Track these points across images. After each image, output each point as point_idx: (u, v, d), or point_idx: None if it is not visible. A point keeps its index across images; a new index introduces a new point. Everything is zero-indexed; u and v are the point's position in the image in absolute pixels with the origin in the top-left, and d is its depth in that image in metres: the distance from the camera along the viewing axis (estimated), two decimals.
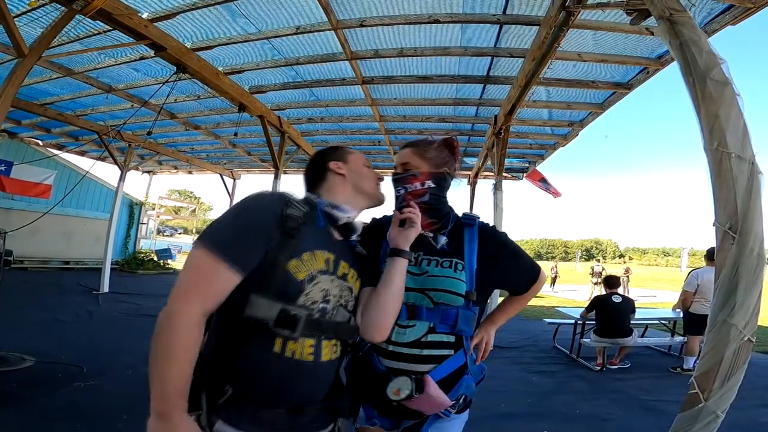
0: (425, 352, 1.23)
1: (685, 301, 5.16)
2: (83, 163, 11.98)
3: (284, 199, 1.03)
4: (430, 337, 1.24)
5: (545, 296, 15.70)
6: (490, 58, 4.77)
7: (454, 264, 1.29)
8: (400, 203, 1.34)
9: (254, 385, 0.94)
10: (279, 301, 0.93)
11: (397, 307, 1.18)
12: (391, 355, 1.24)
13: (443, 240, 1.30)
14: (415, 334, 1.23)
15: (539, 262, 1.53)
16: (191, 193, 52.91)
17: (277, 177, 7.47)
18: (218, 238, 0.94)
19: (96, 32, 4.42)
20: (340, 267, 1.11)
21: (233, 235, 0.95)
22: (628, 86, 5.03)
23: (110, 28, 3.90)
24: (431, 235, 1.31)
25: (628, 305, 5.41)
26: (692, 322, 5.07)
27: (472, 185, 10.02)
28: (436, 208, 1.35)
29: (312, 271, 1.00)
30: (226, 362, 0.93)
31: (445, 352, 1.25)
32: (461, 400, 1.26)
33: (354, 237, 1.22)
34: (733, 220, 1.37)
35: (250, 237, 0.95)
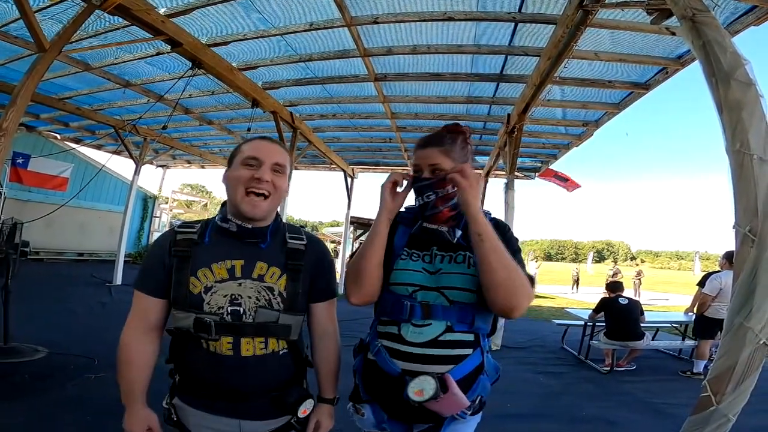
0: (443, 351, 1.17)
1: (703, 305, 5.07)
2: (99, 156, 12.17)
3: (174, 231, 1.23)
4: (448, 336, 1.18)
5: (555, 297, 15.58)
6: (504, 56, 4.75)
7: (468, 258, 1.23)
8: (431, 209, 1.26)
9: (191, 374, 1.18)
10: (192, 312, 1.13)
11: None
12: (406, 356, 1.18)
13: (459, 233, 1.27)
14: (431, 333, 1.18)
15: (549, 263, 1.44)
16: (203, 187, 53.31)
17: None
18: (137, 277, 1.22)
19: (114, 28, 4.49)
20: (254, 269, 1.19)
21: (142, 272, 1.22)
22: (645, 86, 4.96)
23: (128, 24, 3.95)
24: (446, 229, 1.28)
25: (636, 307, 5.35)
26: (705, 326, 4.99)
27: (483, 184, 9.98)
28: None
29: (208, 284, 1.15)
30: (176, 359, 1.21)
31: (464, 351, 1.19)
32: (477, 401, 1.21)
33: (265, 241, 1.22)
34: (753, 223, 1.35)
35: (151, 269, 1.20)
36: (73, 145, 10.60)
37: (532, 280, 1.20)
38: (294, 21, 4.36)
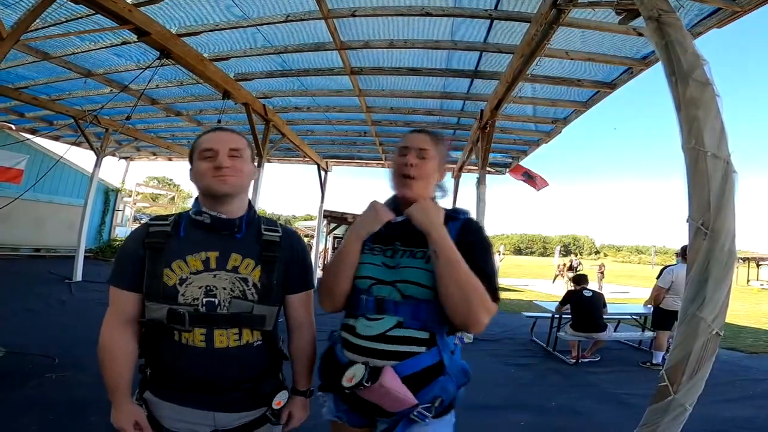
0: (390, 347, 1.16)
1: (657, 297, 5.31)
2: (57, 148, 11.57)
3: (147, 224, 1.24)
4: (397, 332, 1.17)
5: (524, 290, 16.00)
6: (479, 53, 4.81)
7: (428, 255, 1.19)
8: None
9: (163, 367, 1.18)
10: (165, 303, 1.13)
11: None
12: (355, 348, 1.20)
13: (402, 217, 1.25)
14: (380, 327, 1.18)
15: (518, 257, 1.43)
16: (170, 180, 51.55)
17: (260, 165, 7.37)
18: (111, 273, 1.22)
19: (77, 16, 4.26)
20: (229, 261, 1.20)
21: (115, 266, 1.22)
22: (611, 85, 5.13)
23: (92, 12, 3.76)
24: (403, 217, 1.25)
25: (599, 299, 5.56)
26: (662, 318, 5.23)
27: (456, 179, 10.11)
28: None
29: (182, 275, 1.16)
30: (147, 353, 1.20)
31: (415, 348, 1.16)
32: (436, 404, 1.14)
33: (240, 230, 1.23)
34: (706, 217, 1.41)
35: (124, 263, 1.20)
36: (29, 136, 10.01)
37: (495, 292, 1.16)
38: (269, 12, 4.27)
